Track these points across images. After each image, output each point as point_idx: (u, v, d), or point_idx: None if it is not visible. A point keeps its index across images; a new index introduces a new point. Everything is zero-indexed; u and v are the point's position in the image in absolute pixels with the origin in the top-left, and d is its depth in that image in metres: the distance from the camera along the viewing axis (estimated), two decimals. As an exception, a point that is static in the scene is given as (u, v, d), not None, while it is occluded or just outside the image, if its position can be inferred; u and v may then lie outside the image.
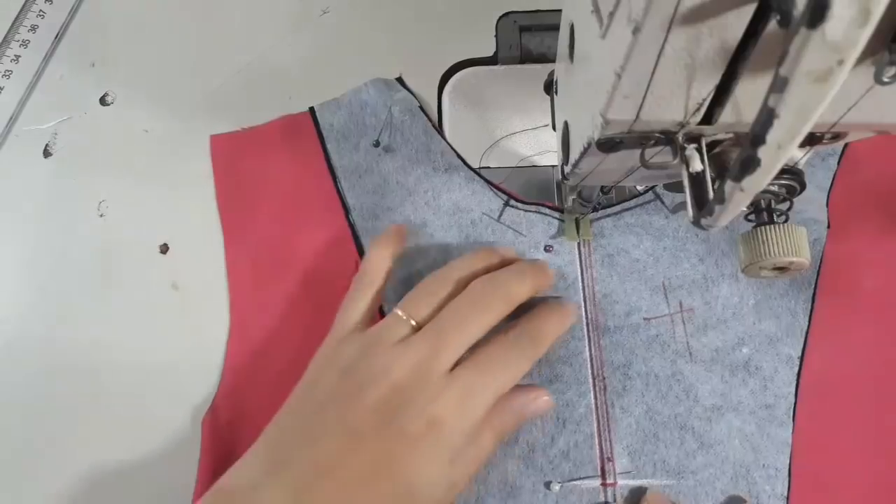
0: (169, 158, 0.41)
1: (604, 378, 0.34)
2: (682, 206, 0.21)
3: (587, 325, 0.35)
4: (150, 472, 0.34)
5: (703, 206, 0.19)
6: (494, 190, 0.38)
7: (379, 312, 0.34)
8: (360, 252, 0.37)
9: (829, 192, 0.37)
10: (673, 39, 0.16)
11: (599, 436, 0.33)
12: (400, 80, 0.42)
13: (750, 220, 0.24)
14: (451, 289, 0.31)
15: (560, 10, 0.27)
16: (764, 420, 0.33)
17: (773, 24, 0.15)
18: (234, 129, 0.41)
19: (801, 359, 0.34)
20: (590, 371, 0.34)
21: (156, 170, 0.40)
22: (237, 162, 0.40)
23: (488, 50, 0.42)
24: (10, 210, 0.40)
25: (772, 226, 0.23)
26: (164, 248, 0.39)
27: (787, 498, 0.32)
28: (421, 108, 0.40)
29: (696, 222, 0.20)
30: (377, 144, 0.39)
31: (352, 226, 0.38)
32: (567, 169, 0.26)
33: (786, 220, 0.23)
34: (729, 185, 0.17)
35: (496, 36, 0.42)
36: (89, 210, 0.40)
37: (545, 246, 0.36)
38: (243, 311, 0.37)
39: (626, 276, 0.36)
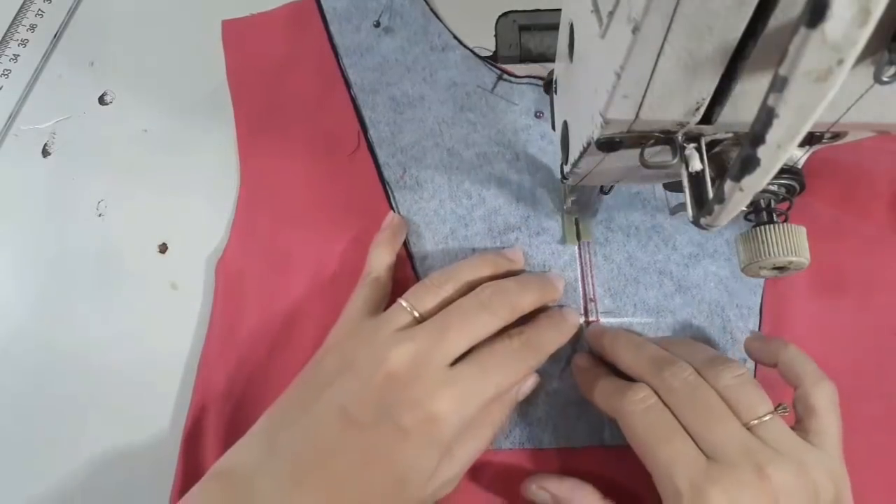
0: (168, 158, 0.41)
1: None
2: (682, 206, 0.21)
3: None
4: (150, 471, 0.34)
5: (702, 205, 0.19)
6: (488, 65, 0.40)
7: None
8: (362, 123, 0.39)
9: None
10: (673, 39, 0.16)
11: (583, 280, 0.35)
12: None
13: (749, 220, 0.24)
14: (457, 288, 0.31)
15: (560, 10, 0.27)
16: (738, 265, 0.35)
17: (773, 24, 0.15)
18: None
19: None
20: None
21: (155, 170, 0.40)
22: (247, 44, 0.42)
23: (488, 49, 0.42)
24: (9, 209, 0.40)
25: (771, 225, 0.23)
26: (164, 248, 0.39)
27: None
28: None
29: (695, 222, 0.20)
30: (378, 25, 0.42)
31: (353, 99, 0.40)
32: (566, 168, 0.26)
33: (785, 220, 0.23)
34: (728, 184, 0.17)
35: (496, 35, 0.42)
36: (88, 210, 0.40)
37: (535, 112, 0.39)
38: (252, 183, 0.39)
39: None
